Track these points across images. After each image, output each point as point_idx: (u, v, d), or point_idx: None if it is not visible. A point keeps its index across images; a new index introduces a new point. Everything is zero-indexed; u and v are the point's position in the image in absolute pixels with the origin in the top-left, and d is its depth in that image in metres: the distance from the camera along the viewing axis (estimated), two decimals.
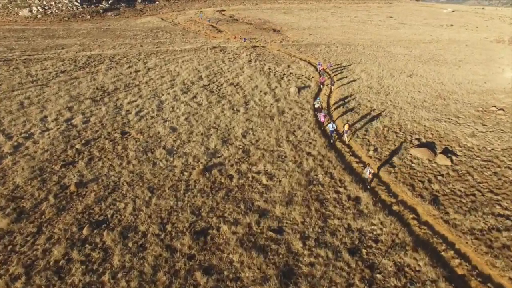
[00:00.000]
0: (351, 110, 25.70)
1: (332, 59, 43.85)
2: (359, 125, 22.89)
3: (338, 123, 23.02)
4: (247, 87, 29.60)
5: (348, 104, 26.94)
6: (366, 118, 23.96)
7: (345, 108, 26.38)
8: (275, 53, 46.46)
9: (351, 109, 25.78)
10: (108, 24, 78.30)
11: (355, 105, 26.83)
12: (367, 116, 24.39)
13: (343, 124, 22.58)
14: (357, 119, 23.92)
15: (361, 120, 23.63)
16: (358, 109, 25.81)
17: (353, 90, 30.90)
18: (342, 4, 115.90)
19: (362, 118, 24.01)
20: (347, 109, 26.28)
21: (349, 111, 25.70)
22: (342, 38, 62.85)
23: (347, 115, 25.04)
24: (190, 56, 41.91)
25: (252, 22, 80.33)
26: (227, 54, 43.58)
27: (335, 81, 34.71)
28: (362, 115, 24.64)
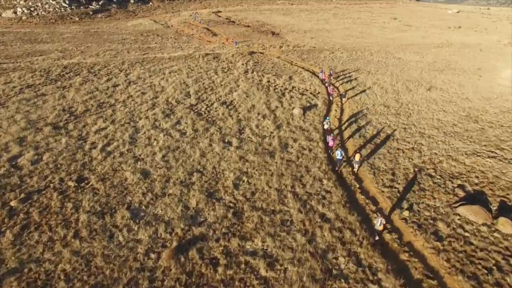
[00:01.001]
0: (369, 140, 20.81)
1: (338, 68, 38.95)
2: (383, 164, 17.99)
3: (349, 146, 18.24)
4: (242, 108, 24.64)
5: (363, 129, 22.06)
6: (389, 153, 19.09)
7: (359, 133, 21.51)
8: (275, 61, 41.51)
9: (370, 139, 20.88)
10: (97, 27, 73.11)
11: (372, 131, 21.93)
12: (390, 148, 19.51)
13: (354, 153, 18.15)
14: (378, 153, 19.06)
15: (383, 156, 18.77)
16: (376, 137, 20.93)
17: (367, 109, 26.01)
18: (343, 5, 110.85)
19: (382, 149, 19.17)
20: (361, 133, 21.43)
21: (363, 136, 20.87)
22: (346, 42, 57.91)
23: (360, 138, 20.26)
24: (179, 66, 36.91)
25: (249, 24, 75.28)
26: (220, 63, 38.58)
27: (345, 92, 29.96)
28: (381, 145, 19.78)
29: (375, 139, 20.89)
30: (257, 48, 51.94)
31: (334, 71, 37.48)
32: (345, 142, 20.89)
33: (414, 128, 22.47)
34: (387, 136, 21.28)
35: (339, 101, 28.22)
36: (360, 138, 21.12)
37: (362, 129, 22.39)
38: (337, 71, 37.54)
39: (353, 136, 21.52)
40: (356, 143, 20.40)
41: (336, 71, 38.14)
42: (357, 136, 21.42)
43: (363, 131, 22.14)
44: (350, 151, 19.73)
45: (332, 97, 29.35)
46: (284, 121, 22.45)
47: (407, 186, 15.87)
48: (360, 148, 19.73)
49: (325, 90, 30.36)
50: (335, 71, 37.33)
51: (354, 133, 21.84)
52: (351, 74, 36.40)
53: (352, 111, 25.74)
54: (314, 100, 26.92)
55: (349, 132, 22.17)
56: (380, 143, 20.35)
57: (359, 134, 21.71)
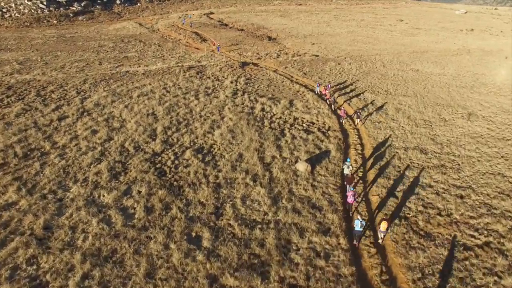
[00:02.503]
0: (402, 208, 13.53)
1: (349, 85, 31.57)
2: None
3: (373, 202, 11.09)
4: (224, 160, 17.22)
5: (394, 186, 14.80)
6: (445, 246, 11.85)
7: (387, 189, 14.26)
8: (271, 76, 34.06)
9: (402, 209, 13.60)
10: (75, 31, 65.30)
11: (410, 198, 14.66)
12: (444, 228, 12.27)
13: (380, 221, 12.27)
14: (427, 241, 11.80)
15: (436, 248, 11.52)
16: (416, 214, 13.64)
17: (396, 152, 18.72)
18: (344, 5, 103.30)
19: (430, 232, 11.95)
20: (392, 190, 14.19)
21: (393, 195, 13.62)
22: (353, 49, 50.53)
23: (392, 200, 12.97)
24: (153, 85, 29.40)
25: (243, 27, 67.68)
26: (204, 81, 31.08)
27: (359, 111, 23.12)
28: (428, 237, 12.54)
29: (415, 216, 13.57)
30: (251, 57, 44.48)
31: (331, 85, 30.85)
32: (369, 200, 13.59)
33: (474, 196, 15.15)
34: (430, 203, 13.98)
35: (357, 120, 21.16)
36: (389, 201, 13.83)
37: (393, 186, 15.12)
38: (346, 89, 30.18)
39: (379, 191, 14.23)
40: (384, 208, 13.10)
41: (347, 89, 30.79)
42: (384, 192, 14.13)
43: (394, 189, 14.86)
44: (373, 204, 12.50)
45: (343, 119, 23.53)
46: (285, 187, 15.05)
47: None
48: (390, 217, 12.73)
49: (337, 120, 23.04)
50: (333, 84, 30.25)
51: (382, 187, 14.55)
52: (366, 96, 29.05)
53: (373, 140, 18.45)
54: (324, 143, 19.52)
55: (374, 186, 14.90)
56: (426, 233, 13.02)
57: (388, 190, 14.44)
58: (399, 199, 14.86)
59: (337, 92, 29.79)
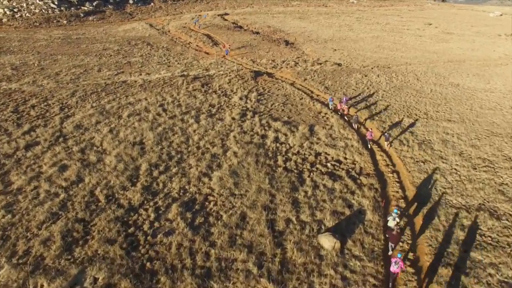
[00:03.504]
0: None
1: (380, 104, 26.26)
2: None
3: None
4: (220, 226, 12.45)
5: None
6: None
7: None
8: (288, 90, 29.14)
9: None
10: (83, 32, 62.07)
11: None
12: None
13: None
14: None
15: None
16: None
17: (455, 214, 13.62)
18: (367, 7, 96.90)
19: None
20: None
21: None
22: (379, 57, 44.98)
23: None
24: (149, 100, 25.04)
25: (259, 30, 62.84)
26: (210, 96, 26.47)
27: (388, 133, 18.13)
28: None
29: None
30: (266, 65, 39.68)
31: (348, 99, 26.50)
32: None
33: None
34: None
35: (387, 143, 15.98)
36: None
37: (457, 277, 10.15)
38: (375, 109, 24.97)
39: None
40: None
41: (376, 109, 25.60)
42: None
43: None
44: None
45: (370, 143, 19.69)
46: (303, 280, 10.25)
47: None
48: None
49: (370, 159, 17.99)
50: (349, 98, 25.03)
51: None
52: (402, 120, 23.80)
53: (420, 190, 13.41)
54: (356, 196, 14.51)
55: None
56: None
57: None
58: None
59: (363, 112, 24.64)
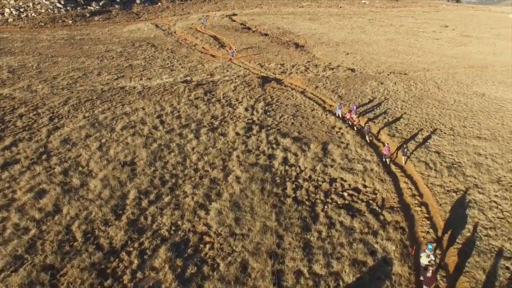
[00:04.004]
0: None
1: (398, 116, 23.60)
2: None
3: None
4: (215, 281, 10.22)
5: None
6: None
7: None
8: (298, 99, 26.71)
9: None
10: (87, 32, 60.48)
11: None
12: None
13: None
14: None
15: None
16: None
17: (502, 267, 11.15)
18: (379, 9, 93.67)
19: None
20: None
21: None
22: (395, 62, 42.24)
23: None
24: (146, 110, 22.89)
25: (268, 32, 60.45)
26: (213, 106, 24.21)
27: (406, 147, 15.19)
28: None
29: None
30: (274, 69, 37.31)
31: (358, 108, 24.89)
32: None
33: None
34: None
35: (404, 157, 13.47)
36: None
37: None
38: (393, 121, 22.38)
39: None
40: None
41: (395, 122, 23.02)
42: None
43: None
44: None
45: (388, 159, 17.61)
46: None
47: None
48: None
49: (393, 186, 15.52)
50: (359, 107, 22.47)
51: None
52: (425, 136, 21.19)
53: (455, 232, 10.95)
54: (380, 239, 12.06)
55: None
56: None
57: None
58: None
59: (379, 123, 22.08)
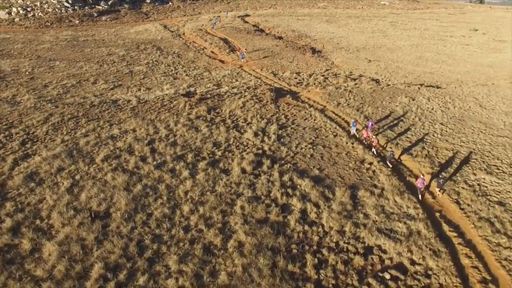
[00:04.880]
0: None
1: (440, 146, 19.11)
2: None
3: None
4: None
5: None
6: None
7: None
8: (317, 121, 22.39)
9: None
10: (93, 33, 57.47)
11: None
12: None
13: None
14: None
15: None
16: None
17: None
18: (400, 10, 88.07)
19: None
20: None
21: None
22: (423, 72, 37.49)
23: None
24: (137, 133, 19.09)
25: (282, 34, 56.21)
26: (216, 129, 20.18)
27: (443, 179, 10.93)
28: None
29: None
30: (289, 79, 33.14)
31: (374, 124, 21.02)
32: None
33: None
34: None
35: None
36: None
37: None
38: (430, 151, 17.92)
39: None
40: None
41: (435, 154, 18.55)
42: None
43: None
44: None
45: (421, 192, 14.33)
46: None
47: None
48: None
49: (452, 264, 11.28)
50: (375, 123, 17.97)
51: None
52: (478, 177, 16.70)
53: None
54: None
55: None
56: None
57: None
58: None
59: (415, 156, 17.64)
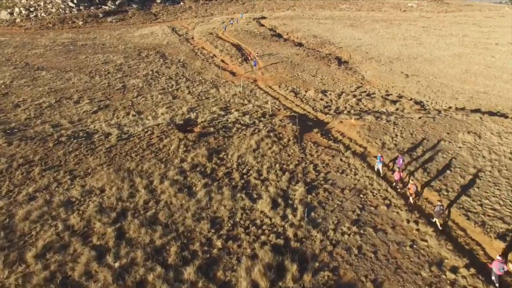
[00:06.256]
0: None
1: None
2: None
3: None
4: None
5: None
6: None
7: None
8: (359, 174, 15.76)
9: None
10: (94, 36, 52.17)
11: None
12: None
13: None
14: None
15: None
16: None
17: None
18: (431, 13, 79.86)
19: None
20: None
21: None
22: (476, 92, 30.30)
23: None
24: (105, 195, 13.03)
25: (302, 41, 49.52)
26: (217, 191, 13.76)
27: None
28: None
29: None
30: (314, 100, 26.65)
31: (404, 159, 14.10)
32: None
33: None
34: None
35: None
36: None
37: None
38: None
39: None
40: None
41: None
42: None
43: None
44: None
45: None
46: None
47: None
48: None
49: None
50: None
51: None
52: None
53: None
54: None
55: None
56: None
57: None
58: None
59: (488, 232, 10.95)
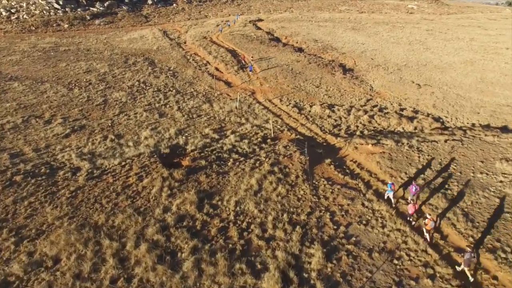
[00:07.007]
0: None
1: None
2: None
3: None
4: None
5: None
6: None
7: None
8: (387, 227, 12.40)
9: None
10: (79, 40, 48.32)
11: None
12: None
13: None
14: None
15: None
16: None
17: None
18: (433, 15, 76.89)
19: None
20: None
21: None
22: (498, 105, 27.10)
23: None
24: (59, 278, 9.70)
25: (303, 45, 46.08)
26: (209, 265, 10.26)
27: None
28: None
29: None
30: (321, 118, 23.25)
31: (419, 189, 10.45)
32: None
33: None
34: None
35: None
36: None
37: None
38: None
39: None
40: None
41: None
42: None
43: None
44: None
45: None
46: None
47: None
48: None
49: None
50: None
51: None
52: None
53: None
54: None
55: None
56: None
57: None
58: None
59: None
